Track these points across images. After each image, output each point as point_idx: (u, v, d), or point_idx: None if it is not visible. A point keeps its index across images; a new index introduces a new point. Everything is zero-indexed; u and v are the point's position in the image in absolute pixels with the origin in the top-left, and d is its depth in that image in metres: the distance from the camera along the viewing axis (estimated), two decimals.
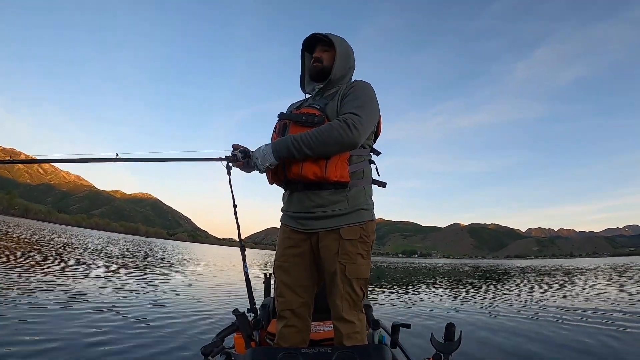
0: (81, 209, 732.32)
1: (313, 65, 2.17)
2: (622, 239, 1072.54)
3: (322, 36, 2.16)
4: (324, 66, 2.17)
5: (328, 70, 2.16)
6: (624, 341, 5.18)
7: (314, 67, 2.17)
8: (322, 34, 2.16)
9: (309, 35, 2.20)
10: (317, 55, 2.17)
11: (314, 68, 2.17)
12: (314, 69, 2.17)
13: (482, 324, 6.26)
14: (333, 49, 2.18)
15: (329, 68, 2.16)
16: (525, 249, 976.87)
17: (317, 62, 2.16)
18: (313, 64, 2.18)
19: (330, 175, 1.87)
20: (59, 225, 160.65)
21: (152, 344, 4.30)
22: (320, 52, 2.18)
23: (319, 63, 2.16)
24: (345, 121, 1.82)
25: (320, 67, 2.16)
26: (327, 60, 2.17)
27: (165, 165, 1.76)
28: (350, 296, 1.93)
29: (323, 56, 2.17)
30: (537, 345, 4.93)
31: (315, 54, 2.19)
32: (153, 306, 6.67)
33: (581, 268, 37.15)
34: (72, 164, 1.64)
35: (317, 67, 2.16)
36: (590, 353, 4.63)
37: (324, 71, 2.17)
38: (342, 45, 2.20)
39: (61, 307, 5.72)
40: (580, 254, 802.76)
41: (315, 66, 2.17)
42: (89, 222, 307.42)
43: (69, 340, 4.15)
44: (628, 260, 71.46)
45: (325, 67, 2.16)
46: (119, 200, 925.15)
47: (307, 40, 2.22)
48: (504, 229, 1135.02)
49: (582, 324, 6.47)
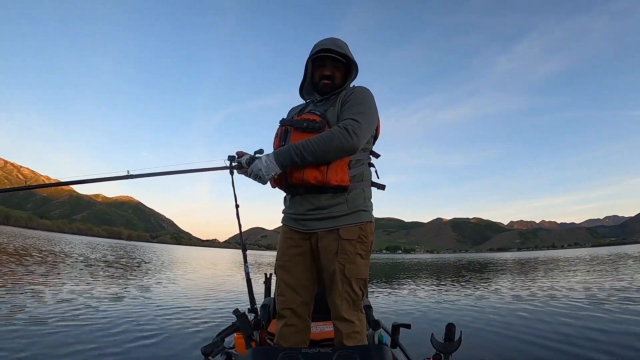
0: (62, 214, 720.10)
1: (324, 83, 2.13)
2: (603, 230, 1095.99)
3: (338, 54, 2.10)
4: (334, 84, 2.14)
5: (337, 87, 2.15)
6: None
7: (325, 85, 2.14)
8: (341, 52, 2.10)
9: (323, 47, 2.11)
10: (329, 73, 2.13)
11: (324, 86, 2.14)
12: (324, 87, 2.14)
13: (482, 323, 6.25)
14: (343, 65, 2.16)
15: (339, 85, 2.15)
16: (508, 241, 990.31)
17: (329, 79, 2.13)
18: (324, 82, 2.13)
19: (331, 180, 1.90)
20: (41, 231, 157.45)
21: (152, 344, 4.35)
22: (332, 69, 2.13)
23: (330, 81, 2.13)
24: (345, 127, 1.84)
25: (331, 85, 2.14)
26: (339, 78, 2.15)
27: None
28: (350, 296, 1.94)
29: (335, 74, 2.14)
30: (536, 345, 4.91)
31: (326, 70, 2.13)
32: (152, 307, 6.70)
33: (564, 259, 37.47)
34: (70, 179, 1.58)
35: (328, 85, 2.14)
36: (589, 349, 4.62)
37: (333, 88, 2.15)
38: (356, 65, 2.17)
39: (61, 309, 5.76)
40: (563, 245, 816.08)
41: (326, 84, 2.13)
42: (70, 227, 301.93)
43: (70, 340, 4.22)
44: (609, 250, 72.51)
45: (336, 85, 2.15)
46: (100, 205, 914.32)
47: (317, 54, 2.14)
48: (487, 223, 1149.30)
49: (578, 317, 6.51)
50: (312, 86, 2.24)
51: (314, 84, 2.21)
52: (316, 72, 2.17)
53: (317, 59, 2.15)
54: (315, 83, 2.19)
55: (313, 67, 2.20)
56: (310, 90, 2.27)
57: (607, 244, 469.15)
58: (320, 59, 2.15)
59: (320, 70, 2.15)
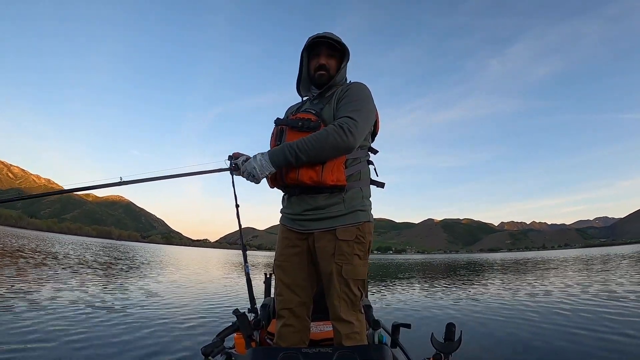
0: (52, 214, 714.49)
1: (319, 74, 2.10)
2: (592, 231, 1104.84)
3: (333, 41, 2.07)
4: (330, 75, 2.11)
5: (332, 77, 2.12)
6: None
7: (321, 76, 2.10)
8: (334, 38, 2.07)
9: (317, 35, 2.09)
10: (323, 63, 2.09)
11: (320, 77, 2.10)
12: (320, 77, 2.11)
13: (482, 323, 6.26)
14: (337, 53, 2.13)
15: (334, 75, 2.12)
16: (498, 242, 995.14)
17: (324, 70, 2.09)
18: (319, 73, 2.10)
19: (327, 180, 1.86)
20: (31, 230, 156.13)
21: (152, 344, 4.34)
22: (327, 59, 2.10)
23: (325, 72, 2.10)
24: (340, 126, 1.80)
25: (327, 76, 2.10)
26: (334, 68, 2.12)
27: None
28: (348, 296, 1.92)
29: (329, 64, 2.11)
30: (537, 344, 4.91)
31: (321, 60, 2.10)
32: (152, 307, 6.69)
33: (554, 260, 37.77)
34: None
35: (323, 76, 2.10)
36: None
37: (329, 79, 2.12)
38: (348, 52, 2.15)
39: (61, 309, 5.74)
40: (553, 246, 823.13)
41: (321, 75, 2.10)
42: (60, 226, 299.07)
43: (69, 340, 4.21)
44: (599, 251, 73.13)
45: (332, 75, 2.12)
46: (90, 204, 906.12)
47: (312, 41, 2.11)
48: (477, 224, 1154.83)
49: (577, 318, 6.53)
50: (308, 79, 2.20)
51: (310, 77, 2.17)
52: (312, 62, 2.14)
53: (312, 47, 2.12)
54: (312, 76, 2.15)
55: (308, 59, 2.17)
56: (307, 85, 2.23)
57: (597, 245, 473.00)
58: (314, 48, 2.12)
59: (315, 60, 2.12)
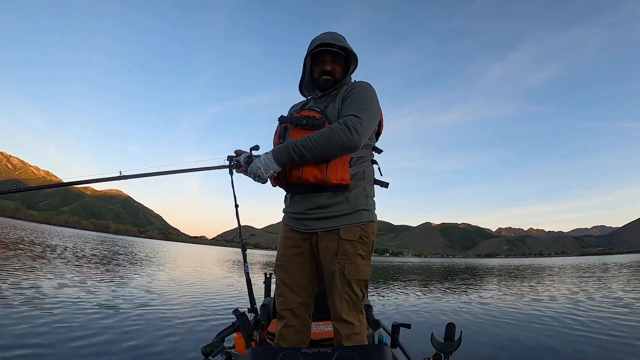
0: (51, 206, 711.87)
1: (324, 79, 2.09)
2: (590, 239, 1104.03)
3: (337, 49, 2.06)
4: (335, 79, 2.10)
5: (338, 82, 2.11)
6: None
7: (326, 81, 2.09)
8: (340, 45, 2.06)
9: (321, 41, 2.07)
10: (329, 69, 2.08)
11: (325, 82, 2.09)
12: (325, 82, 2.09)
13: (482, 323, 6.33)
14: (343, 58, 2.11)
15: (340, 80, 2.11)
16: (495, 248, 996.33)
17: (329, 75, 2.08)
18: (324, 78, 2.09)
19: (331, 178, 1.84)
20: (28, 222, 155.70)
21: (152, 344, 4.33)
22: (332, 64, 2.09)
23: (330, 77, 2.09)
24: (345, 124, 1.79)
25: (332, 81, 2.09)
26: (339, 72, 2.11)
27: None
28: (350, 297, 1.90)
29: (335, 69, 2.10)
30: (536, 345, 4.99)
31: (327, 66, 2.08)
32: (152, 306, 6.66)
33: (552, 266, 37.94)
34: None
35: (329, 81, 2.09)
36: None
37: (334, 83, 2.11)
38: (356, 57, 2.14)
39: (60, 307, 5.71)
40: (550, 253, 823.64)
41: (327, 80, 2.09)
42: (58, 219, 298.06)
43: (69, 341, 4.17)
44: (596, 260, 73.24)
45: (337, 80, 2.11)
46: (89, 197, 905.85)
47: (316, 49, 2.08)
48: (475, 228, 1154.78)
49: (577, 318, 6.55)
50: (312, 82, 2.20)
51: (314, 81, 2.16)
52: (316, 68, 2.13)
53: (316, 54, 2.10)
54: (316, 79, 2.14)
55: (312, 63, 2.15)
56: (311, 86, 2.22)
57: (594, 254, 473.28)
58: (319, 54, 2.09)
59: (320, 66, 2.10)
